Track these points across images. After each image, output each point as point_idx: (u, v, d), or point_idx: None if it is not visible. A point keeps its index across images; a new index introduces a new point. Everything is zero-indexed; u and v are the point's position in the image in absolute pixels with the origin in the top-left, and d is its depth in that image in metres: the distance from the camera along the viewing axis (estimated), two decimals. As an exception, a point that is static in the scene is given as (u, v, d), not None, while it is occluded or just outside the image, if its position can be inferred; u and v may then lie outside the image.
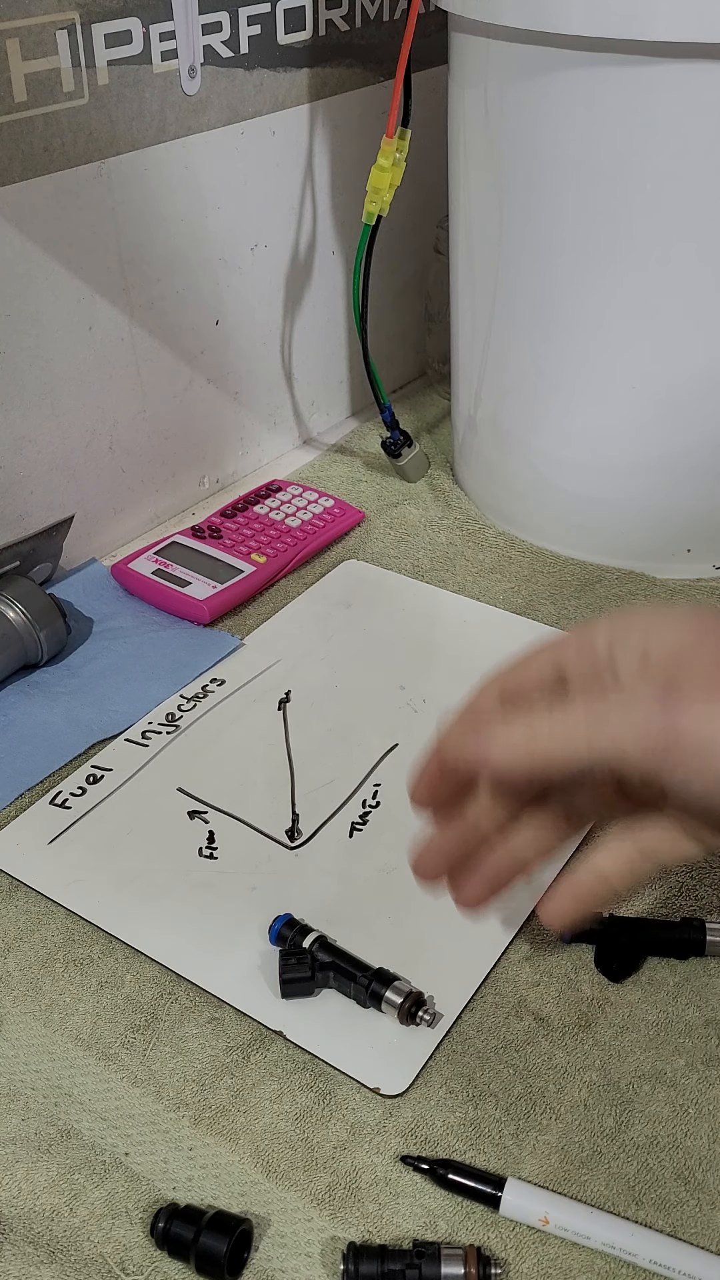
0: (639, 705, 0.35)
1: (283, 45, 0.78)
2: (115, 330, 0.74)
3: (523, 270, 0.72)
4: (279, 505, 0.82)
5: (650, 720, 0.35)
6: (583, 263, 0.68)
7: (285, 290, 0.87)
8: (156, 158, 0.72)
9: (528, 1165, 0.43)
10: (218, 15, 0.72)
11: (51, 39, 0.63)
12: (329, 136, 0.84)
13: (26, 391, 0.70)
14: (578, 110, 0.64)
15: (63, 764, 0.61)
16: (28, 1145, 0.44)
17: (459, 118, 0.73)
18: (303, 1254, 0.41)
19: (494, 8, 0.64)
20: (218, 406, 0.85)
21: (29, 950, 0.52)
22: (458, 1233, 0.41)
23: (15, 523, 0.72)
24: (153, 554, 0.75)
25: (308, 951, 0.49)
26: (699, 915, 0.52)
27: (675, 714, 0.34)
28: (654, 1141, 0.44)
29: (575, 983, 0.50)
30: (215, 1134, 0.44)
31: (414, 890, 0.54)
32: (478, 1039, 0.48)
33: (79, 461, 0.75)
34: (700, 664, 0.35)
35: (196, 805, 0.59)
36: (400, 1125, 0.45)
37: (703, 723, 0.34)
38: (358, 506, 0.83)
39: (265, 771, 0.61)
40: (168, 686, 0.66)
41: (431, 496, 0.86)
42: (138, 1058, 0.47)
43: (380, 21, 0.85)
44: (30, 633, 0.65)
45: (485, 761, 0.38)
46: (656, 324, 0.68)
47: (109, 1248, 0.41)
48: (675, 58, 0.59)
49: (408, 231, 0.95)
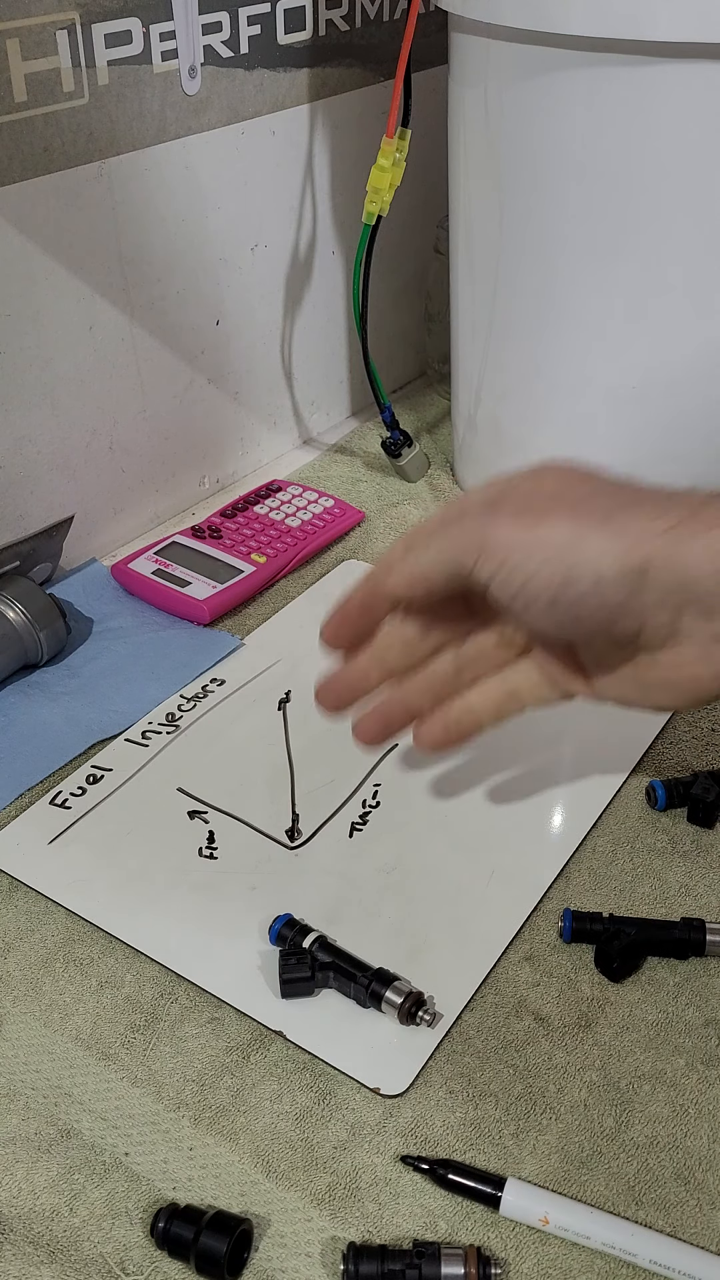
0: (471, 523, 0.42)
1: (283, 45, 0.78)
2: (115, 330, 0.74)
3: (523, 270, 0.72)
4: (279, 505, 0.82)
5: (472, 532, 0.42)
6: (583, 263, 0.68)
7: (285, 290, 0.87)
8: (156, 158, 0.72)
9: (528, 1165, 0.43)
10: (218, 15, 0.72)
11: (51, 39, 0.63)
12: (329, 136, 0.84)
13: (26, 391, 0.70)
14: (578, 110, 0.64)
15: (63, 764, 0.61)
16: (28, 1145, 0.44)
17: (459, 118, 0.73)
18: (303, 1254, 0.41)
19: (494, 8, 0.64)
20: (218, 406, 0.85)
21: (29, 950, 0.52)
22: (458, 1233, 0.41)
23: (15, 523, 0.72)
24: (153, 554, 0.75)
25: (308, 951, 0.49)
26: (699, 915, 0.52)
27: (488, 526, 0.42)
28: (654, 1141, 0.44)
29: (575, 983, 0.50)
30: (215, 1134, 0.44)
31: (414, 890, 0.54)
32: (478, 1039, 0.48)
33: (79, 461, 0.75)
34: (521, 493, 0.42)
35: (196, 805, 0.59)
36: (400, 1125, 0.45)
37: (504, 531, 0.41)
38: (358, 506, 0.83)
39: (265, 771, 0.61)
40: (168, 686, 0.66)
41: (431, 496, 0.86)
42: (138, 1058, 0.47)
43: (380, 21, 0.85)
44: (30, 633, 0.65)
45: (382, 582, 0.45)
46: (657, 324, 0.68)
47: (109, 1248, 0.41)
48: (676, 58, 0.59)
49: (408, 231, 0.95)
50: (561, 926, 0.52)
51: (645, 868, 0.55)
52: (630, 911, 0.53)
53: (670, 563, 0.39)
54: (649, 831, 0.57)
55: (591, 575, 0.40)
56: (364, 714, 0.49)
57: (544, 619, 0.42)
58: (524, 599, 0.42)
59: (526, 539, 0.41)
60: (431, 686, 0.49)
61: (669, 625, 0.41)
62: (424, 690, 0.49)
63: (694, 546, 0.39)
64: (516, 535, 0.41)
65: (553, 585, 0.41)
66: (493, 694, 0.48)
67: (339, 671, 0.49)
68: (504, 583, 0.42)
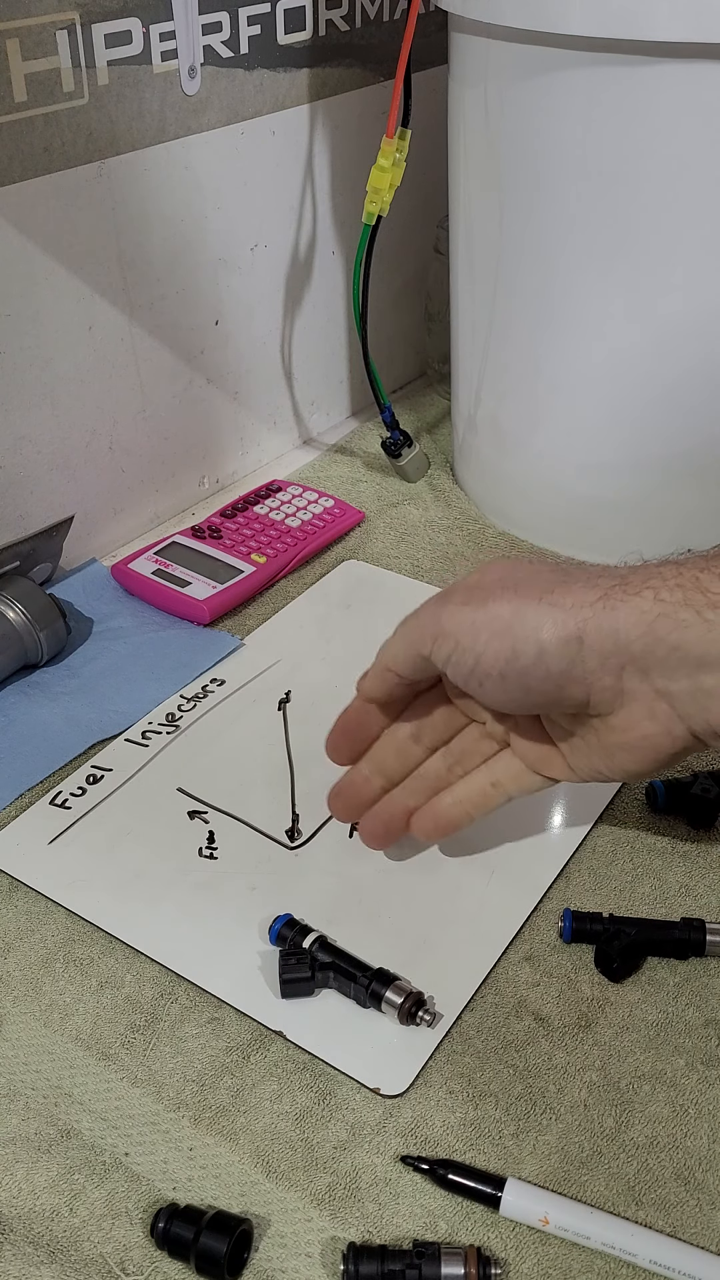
0: (426, 613, 0.48)
1: (283, 45, 0.78)
2: (115, 330, 0.74)
3: (523, 270, 0.72)
4: (279, 505, 0.82)
5: (427, 620, 0.47)
6: (583, 263, 0.68)
7: (285, 290, 0.87)
8: (156, 158, 0.72)
9: (528, 1165, 0.43)
10: (218, 15, 0.72)
11: (51, 39, 0.63)
12: (329, 136, 0.84)
13: (26, 391, 0.70)
14: (578, 110, 0.64)
15: (63, 764, 0.61)
16: (28, 1145, 0.44)
17: (459, 118, 0.73)
18: (303, 1254, 0.41)
19: (494, 8, 0.64)
20: (217, 406, 0.85)
21: (29, 950, 0.52)
22: (458, 1233, 0.41)
23: (15, 523, 0.72)
24: (153, 554, 0.75)
25: (308, 951, 0.49)
26: (699, 915, 0.52)
27: (440, 613, 0.47)
28: (654, 1141, 0.44)
29: (575, 983, 0.50)
30: (215, 1134, 0.44)
31: (414, 890, 0.54)
32: (478, 1039, 0.48)
33: (79, 461, 0.75)
34: (469, 584, 0.47)
35: (196, 805, 0.59)
36: (400, 1125, 0.45)
37: (453, 615, 0.46)
38: (358, 506, 0.83)
39: (265, 771, 0.61)
40: (168, 686, 0.66)
41: (431, 496, 0.86)
42: (138, 1058, 0.47)
43: (380, 21, 0.85)
44: (30, 633, 0.65)
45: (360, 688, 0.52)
46: (657, 324, 0.68)
47: (109, 1248, 0.41)
48: (675, 58, 0.59)
49: (408, 231, 0.95)
50: (561, 926, 0.52)
51: (645, 868, 0.55)
52: (630, 911, 0.53)
53: (602, 628, 0.43)
54: (649, 831, 0.57)
55: (534, 647, 0.44)
56: (365, 819, 0.54)
57: (498, 693, 0.46)
58: (478, 676, 0.46)
59: (474, 618, 0.45)
60: (424, 785, 0.53)
61: (614, 688, 0.44)
62: (417, 790, 0.53)
63: (622, 611, 0.43)
64: (465, 616, 0.46)
65: (500, 660, 0.44)
66: (477, 786, 0.52)
67: (344, 781, 0.54)
68: (458, 663, 0.46)
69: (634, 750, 0.46)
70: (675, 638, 0.42)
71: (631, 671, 0.44)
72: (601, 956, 0.50)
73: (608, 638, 0.43)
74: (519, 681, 0.45)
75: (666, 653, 0.43)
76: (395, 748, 0.53)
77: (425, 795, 0.53)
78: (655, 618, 0.42)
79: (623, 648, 0.43)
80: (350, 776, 0.54)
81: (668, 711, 0.44)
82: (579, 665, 0.44)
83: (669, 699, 0.44)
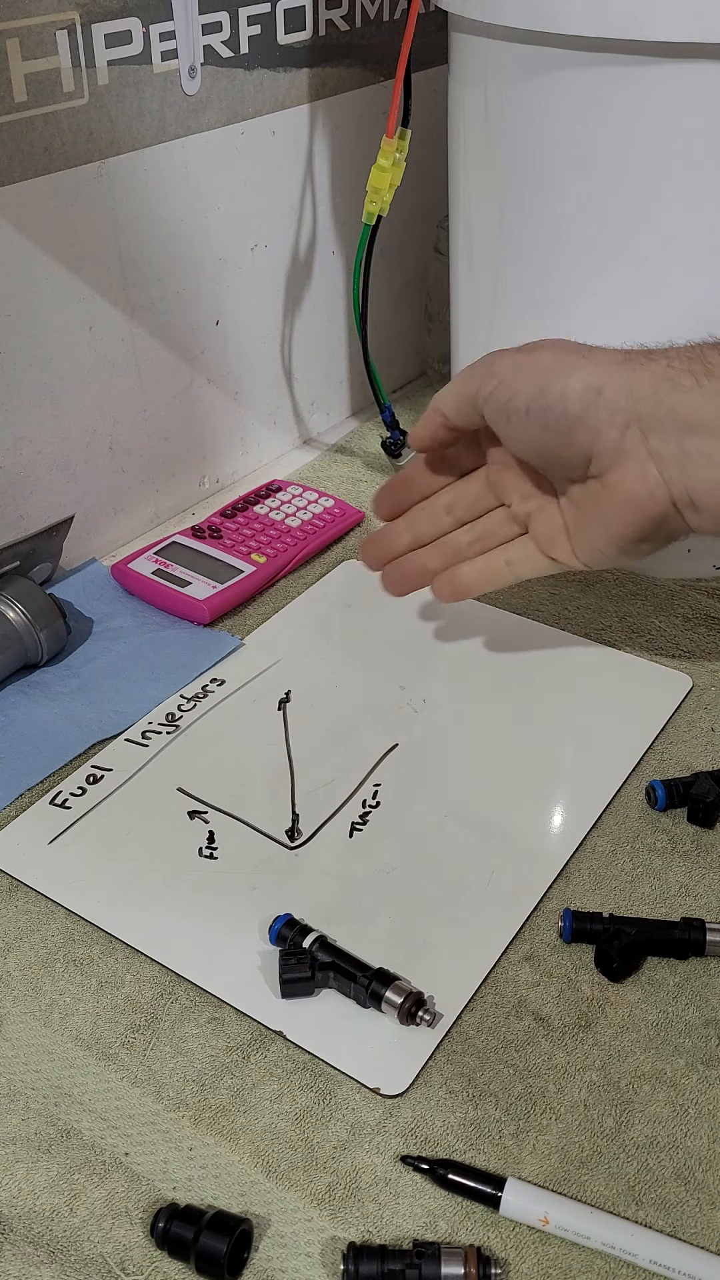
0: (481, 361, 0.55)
1: (283, 45, 0.78)
2: (115, 330, 0.74)
3: (523, 270, 0.72)
4: (279, 505, 0.82)
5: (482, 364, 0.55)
6: (583, 262, 0.68)
7: (285, 290, 0.87)
8: (156, 158, 0.72)
9: (528, 1165, 0.43)
10: (218, 15, 0.72)
11: (51, 39, 0.63)
12: (329, 136, 0.84)
13: (26, 391, 0.70)
14: (578, 110, 0.64)
15: (63, 764, 0.61)
16: (28, 1145, 0.44)
17: (459, 118, 0.73)
18: (303, 1254, 0.41)
19: (494, 8, 0.64)
20: (217, 406, 0.85)
21: (29, 950, 0.52)
22: (458, 1233, 0.41)
23: (15, 523, 0.72)
24: (153, 554, 0.75)
25: (308, 951, 0.49)
26: (699, 915, 0.52)
27: (494, 358, 0.54)
28: (654, 1141, 0.44)
29: (575, 983, 0.50)
30: (215, 1134, 0.44)
31: (414, 890, 0.54)
32: (478, 1039, 0.48)
33: (79, 461, 0.75)
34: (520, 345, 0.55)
35: (196, 805, 0.59)
36: (400, 1125, 0.45)
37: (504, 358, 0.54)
38: (358, 506, 0.83)
39: (265, 771, 0.61)
40: (168, 686, 0.66)
41: (431, 496, 0.86)
42: (138, 1058, 0.47)
43: (380, 21, 0.85)
44: (30, 633, 0.65)
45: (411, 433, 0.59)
46: (657, 324, 0.68)
47: (109, 1248, 0.41)
48: (675, 58, 0.59)
49: (408, 231, 0.95)
50: (561, 926, 0.52)
51: (645, 868, 0.55)
52: (630, 911, 0.53)
53: (619, 383, 0.49)
54: (649, 831, 0.57)
55: (559, 387, 0.51)
56: (389, 568, 0.63)
57: (520, 429, 0.53)
58: (507, 411, 0.52)
59: (520, 360, 0.53)
60: (447, 552, 0.61)
61: (615, 444, 0.50)
62: (440, 555, 0.61)
63: (639, 372, 0.49)
64: (513, 358, 0.53)
65: (529, 396, 0.51)
66: (493, 561, 0.60)
67: (378, 532, 0.63)
68: (495, 397, 0.53)
69: (621, 511, 0.51)
70: (672, 399, 0.48)
71: (634, 431, 0.49)
72: (601, 956, 0.50)
73: (622, 392, 0.49)
74: (539, 419, 0.51)
75: (664, 413, 0.48)
76: (430, 514, 0.61)
77: (446, 560, 0.61)
78: (662, 380, 0.49)
79: (632, 405, 0.49)
80: (386, 530, 0.62)
81: (655, 475, 0.50)
82: (592, 413, 0.50)
83: (658, 461, 0.49)
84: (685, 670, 0.67)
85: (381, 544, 0.63)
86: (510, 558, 0.59)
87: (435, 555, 0.61)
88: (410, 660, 0.69)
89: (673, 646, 0.69)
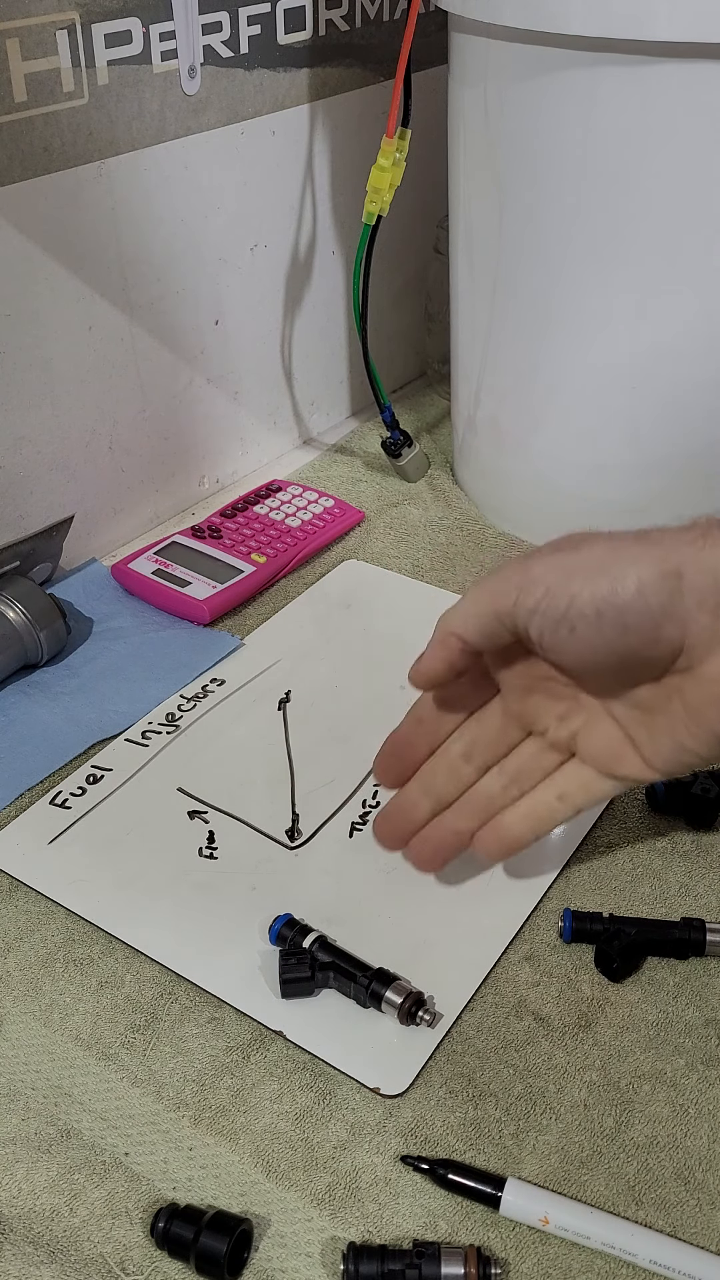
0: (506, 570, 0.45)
1: (283, 45, 0.78)
2: (115, 330, 0.74)
3: (523, 270, 0.72)
4: (279, 505, 0.82)
5: (509, 574, 0.45)
6: (583, 263, 0.68)
7: (285, 290, 0.87)
8: (156, 158, 0.72)
9: (528, 1165, 0.43)
10: (218, 15, 0.72)
11: (51, 39, 0.63)
12: (329, 136, 0.84)
13: (26, 391, 0.70)
14: (578, 110, 0.64)
15: (63, 764, 0.61)
16: (28, 1145, 0.44)
17: (459, 118, 0.73)
18: (303, 1254, 0.41)
19: (494, 8, 0.64)
20: (217, 406, 0.85)
21: (29, 950, 0.52)
22: (458, 1233, 0.41)
23: (15, 523, 0.72)
24: (153, 554, 0.75)
25: (308, 951, 0.49)
26: (699, 915, 0.52)
27: (527, 564, 0.45)
28: (654, 1141, 0.44)
29: (575, 983, 0.50)
30: (215, 1134, 0.44)
31: (414, 890, 0.54)
32: (478, 1039, 0.48)
33: (79, 461, 0.75)
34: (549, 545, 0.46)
35: (196, 805, 0.59)
36: (400, 1125, 0.45)
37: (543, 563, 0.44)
38: (358, 506, 0.83)
39: (265, 771, 0.61)
40: (168, 686, 0.66)
41: (431, 496, 0.86)
42: (138, 1058, 0.47)
43: (380, 21, 0.85)
44: (30, 633, 0.65)
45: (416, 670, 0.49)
46: (656, 324, 0.68)
47: (109, 1248, 0.41)
48: (676, 58, 0.59)
49: (408, 231, 0.95)
50: (561, 926, 0.52)
51: (645, 868, 0.55)
52: (630, 911, 0.53)
53: (702, 564, 0.42)
54: (649, 831, 0.57)
55: (634, 580, 0.42)
56: (414, 842, 0.51)
57: (591, 637, 0.43)
58: (569, 620, 0.43)
59: (566, 561, 0.44)
60: (477, 807, 0.50)
61: (710, 629, 0.43)
62: (470, 813, 0.50)
63: (709, 552, 0.43)
64: (556, 560, 0.44)
65: (598, 597, 0.43)
66: (542, 800, 0.49)
67: (391, 806, 0.52)
68: (547, 610, 0.44)
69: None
70: None
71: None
72: (601, 956, 0.50)
73: (707, 574, 0.42)
74: (616, 620, 0.43)
75: None
76: (446, 768, 0.51)
77: (478, 817, 0.50)
78: None
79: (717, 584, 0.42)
80: (398, 800, 0.52)
81: None
82: (678, 601, 0.43)
83: None
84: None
85: (397, 818, 0.52)
86: (563, 791, 0.49)
87: (465, 815, 0.51)
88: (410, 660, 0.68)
89: (673, 646, 0.69)
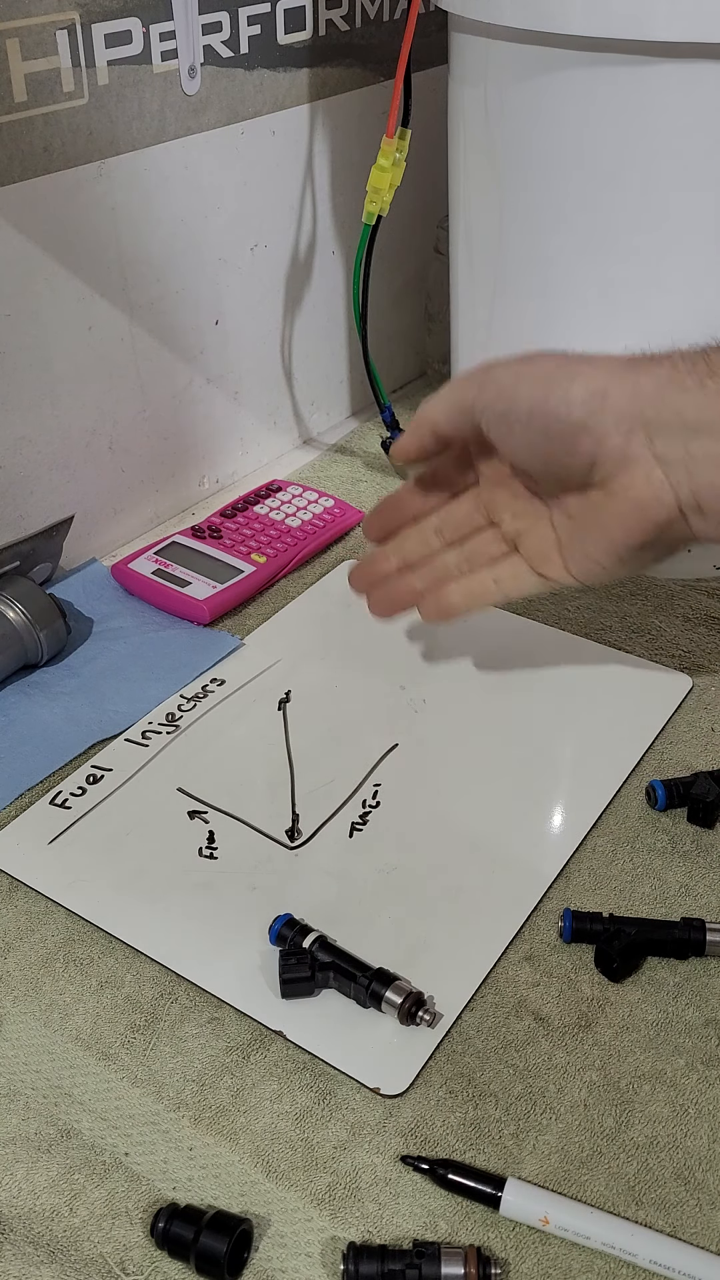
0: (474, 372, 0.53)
1: (283, 45, 0.78)
2: (115, 330, 0.74)
3: (523, 270, 0.72)
4: (279, 505, 0.82)
5: (474, 375, 0.53)
6: (583, 263, 0.68)
7: (285, 290, 0.87)
8: (156, 158, 0.72)
9: (528, 1165, 0.43)
10: (218, 15, 0.72)
11: (51, 39, 0.63)
12: (329, 136, 0.84)
13: (26, 391, 0.70)
14: (578, 110, 0.64)
15: (63, 764, 0.61)
16: (28, 1145, 0.44)
17: (459, 118, 0.73)
18: (303, 1254, 0.41)
19: (494, 8, 0.64)
20: (217, 406, 0.85)
21: (29, 950, 0.52)
22: (458, 1233, 0.41)
23: (15, 523, 0.72)
24: (153, 554, 0.75)
25: (308, 951, 0.49)
26: (699, 915, 0.52)
27: (488, 369, 0.53)
28: (654, 1141, 0.44)
29: (575, 983, 0.50)
30: (215, 1134, 0.44)
31: (414, 890, 0.54)
32: (478, 1039, 0.48)
33: (79, 461, 0.75)
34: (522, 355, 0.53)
35: (196, 805, 0.59)
36: (400, 1125, 0.45)
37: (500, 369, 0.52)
38: (358, 506, 0.83)
39: (265, 771, 0.61)
40: (168, 686, 0.66)
41: (431, 496, 0.86)
42: (138, 1058, 0.47)
43: (380, 21, 0.85)
44: (30, 633, 0.65)
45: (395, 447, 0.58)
46: (657, 325, 0.68)
47: (109, 1248, 0.41)
48: (675, 58, 0.59)
49: (408, 231, 0.95)
50: (561, 926, 0.52)
51: (645, 868, 0.55)
52: (630, 911, 0.53)
53: (624, 389, 0.49)
54: (649, 831, 0.57)
55: (562, 393, 0.49)
56: (377, 591, 0.61)
57: (523, 435, 0.52)
58: (509, 419, 0.51)
59: (519, 369, 0.52)
60: (435, 574, 0.59)
61: (620, 449, 0.49)
62: (428, 577, 0.60)
63: (644, 375, 0.49)
64: (511, 368, 0.52)
65: (533, 401, 0.50)
66: (480, 581, 0.58)
67: (366, 557, 0.62)
68: (496, 406, 0.52)
69: (625, 518, 0.50)
70: (678, 401, 0.48)
71: (639, 436, 0.48)
72: (601, 956, 0.50)
73: (626, 396, 0.48)
74: (542, 426, 0.50)
75: (670, 416, 0.48)
76: (419, 536, 0.60)
77: (433, 582, 0.59)
78: (666, 383, 0.48)
79: (637, 409, 0.48)
80: (374, 553, 0.61)
81: (661, 479, 0.49)
82: (597, 418, 0.49)
83: (664, 465, 0.48)
84: (685, 670, 0.67)
85: (369, 567, 0.61)
86: (498, 576, 0.58)
87: (422, 577, 0.60)
88: (410, 660, 0.69)
89: (673, 646, 0.69)
